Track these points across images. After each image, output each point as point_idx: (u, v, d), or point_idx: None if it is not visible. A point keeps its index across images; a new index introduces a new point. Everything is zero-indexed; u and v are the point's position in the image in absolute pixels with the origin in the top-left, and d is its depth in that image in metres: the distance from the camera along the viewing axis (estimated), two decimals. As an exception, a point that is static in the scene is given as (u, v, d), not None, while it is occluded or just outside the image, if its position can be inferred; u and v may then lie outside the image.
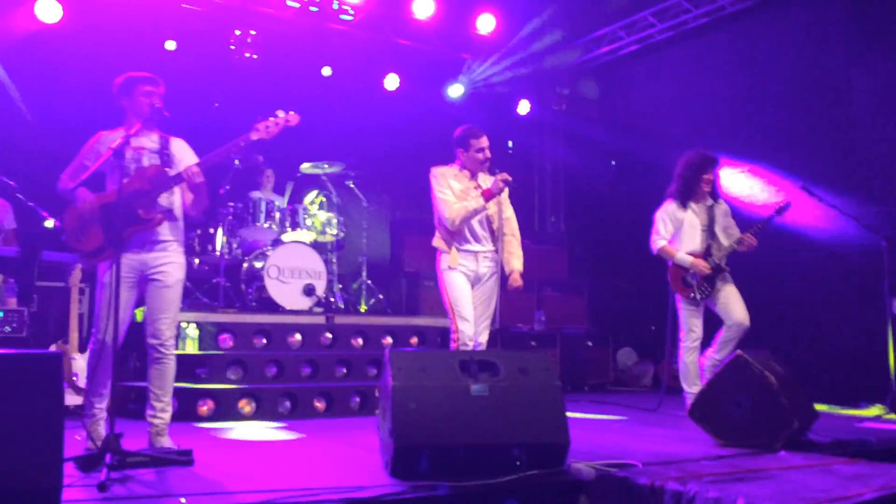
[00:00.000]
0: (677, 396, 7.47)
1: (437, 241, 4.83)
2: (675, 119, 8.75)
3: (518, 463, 3.29)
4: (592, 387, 8.38)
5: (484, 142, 4.78)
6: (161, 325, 3.91)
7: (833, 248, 6.95)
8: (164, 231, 3.97)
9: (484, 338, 4.78)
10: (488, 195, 4.67)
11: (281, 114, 3.92)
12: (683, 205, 5.50)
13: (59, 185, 4.00)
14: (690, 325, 5.46)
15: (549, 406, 3.44)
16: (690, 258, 5.38)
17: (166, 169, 3.95)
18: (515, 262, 4.88)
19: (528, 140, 10.25)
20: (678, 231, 5.51)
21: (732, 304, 5.35)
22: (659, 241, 5.50)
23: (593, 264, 9.56)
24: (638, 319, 9.48)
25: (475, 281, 4.77)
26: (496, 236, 4.78)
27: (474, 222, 4.76)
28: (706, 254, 5.43)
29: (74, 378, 5.08)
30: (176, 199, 4.07)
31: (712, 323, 5.56)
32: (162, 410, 3.92)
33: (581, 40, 9.51)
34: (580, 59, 9.55)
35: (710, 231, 5.49)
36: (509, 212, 4.97)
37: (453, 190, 4.73)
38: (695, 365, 5.44)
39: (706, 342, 5.50)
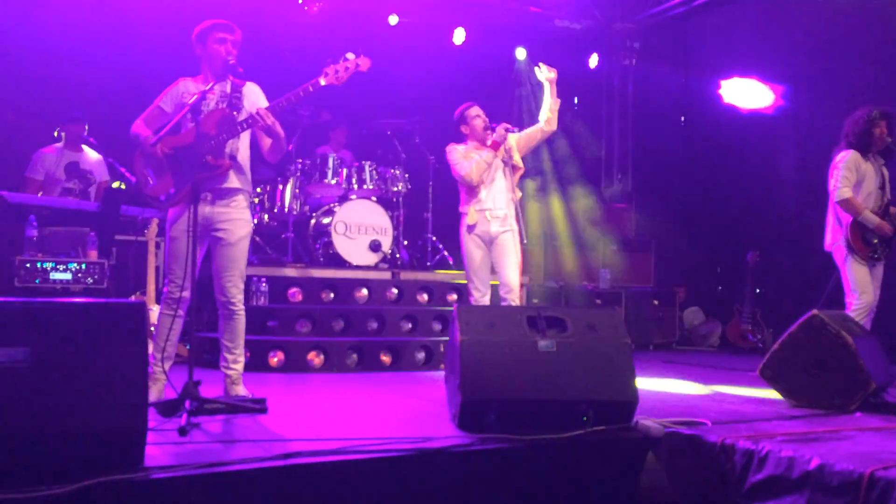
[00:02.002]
0: (745, 357, 7.36)
1: (462, 206, 5.29)
2: (751, 73, 8.41)
3: (585, 419, 3.30)
4: (658, 346, 8.30)
5: (477, 110, 5.27)
6: (226, 283, 3.94)
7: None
8: (232, 180, 3.93)
9: (516, 284, 5.10)
10: (496, 146, 5.10)
11: (351, 56, 3.78)
12: (864, 157, 5.17)
13: (132, 128, 3.97)
14: (863, 286, 5.07)
15: (618, 363, 3.42)
16: (877, 219, 5.07)
17: (234, 113, 3.91)
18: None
19: (596, 95, 10.04)
20: (858, 184, 5.15)
21: (878, 278, 5.16)
22: (845, 192, 5.06)
23: (660, 222, 9.37)
24: (706, 278, 9.30)
25: (489, 242, 5.16)
26: (510, 200, 5.15)
27: (488, 185, 5.14)
28: (884, 213, 5.16)
29: (152, 328, 5.28)
30: (242, 147, 4.01)
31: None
32: (234, 361, 4.03)
33: (653, -9, 9.19)
34: (652, 10, 9.24)
35: (882, 190, 5.20)
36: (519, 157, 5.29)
37: (468, 157, 5.18)
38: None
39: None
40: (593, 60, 9.53)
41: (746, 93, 8.40)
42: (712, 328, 8.71)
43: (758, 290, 8.11)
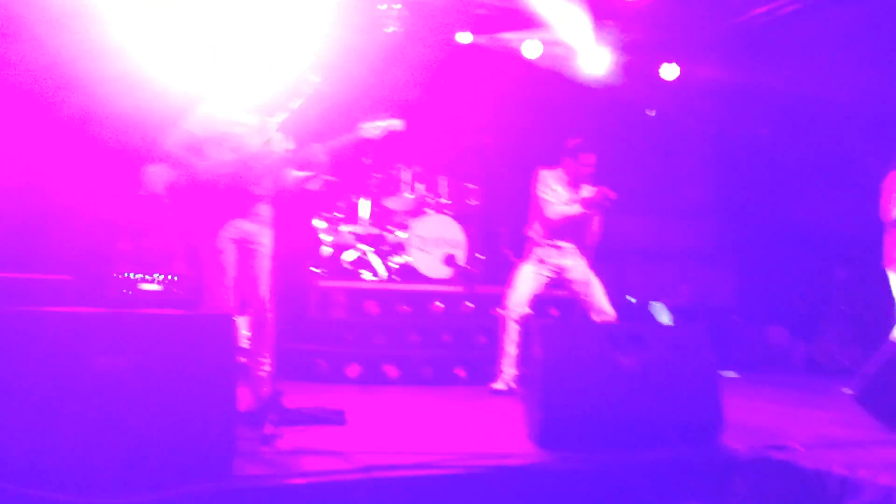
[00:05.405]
0: (833, 377, 7.06)
1: (532, 232, 5.38)
2: (840, 84, 8.06)
3: (669, 439, 3.22)
4: (739, 366, 8.04)
5: (592, 159, 5.20)
6: (265, 291, 4.04)
7: None
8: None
9: (609, 308, 5.27)
10: (588, 204, 5.12)
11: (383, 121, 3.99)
12: None
13: (168, 145, 4.07)
14: None
15: (703, 382, 3.33)
16: None
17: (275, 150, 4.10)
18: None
19: (672, 106, 9.85)
20: None
21: None
22: None
23: (741, 236, 9.11)
24: (789, 295, 8.98)
25: (559, 271, 5.30)
26: (584, 236, 5.28)
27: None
28: None
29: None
30: None
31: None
32: (268, 364, 4.02)
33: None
34: (734, 20, 9.01)
35: None
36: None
37: (557, 193, 5.22)
38: None
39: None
40: (670, 71, 9.36)
41: None
42: (796, 346, 8.39)
43: (843, 308, 7.79)
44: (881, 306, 7.67)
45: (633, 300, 7.77)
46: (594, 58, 8.97)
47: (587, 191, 5.22)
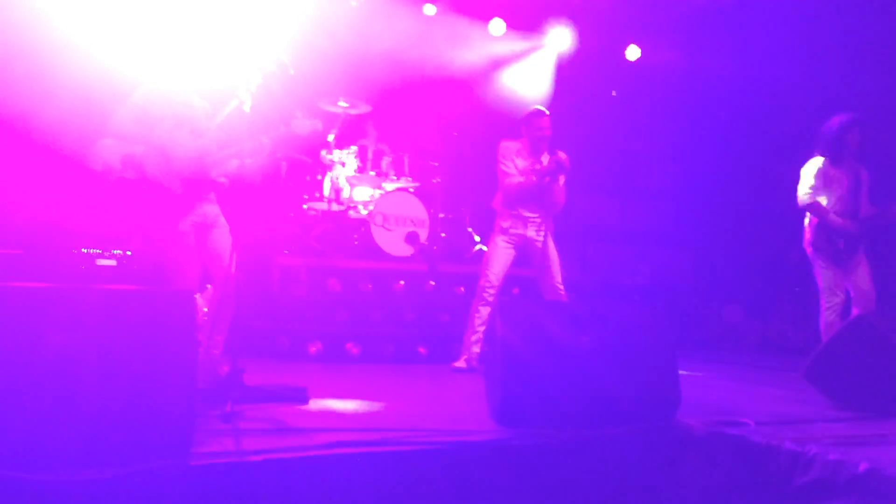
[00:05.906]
0: (786, 356, 7.25)
1: (497, 203, 5.42)
2: (800, 69, 8.17)
3: (625, 416, 3.27)
4: (695, 344, 8.21)
5: (545, 122, 5.29)
6: (230, 264, 4.02)
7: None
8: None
9: (561, 285, 5.30)
10: (540, 174, 5.19)
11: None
12: (833, 163, 5.24)
13: (113, 119, 4.19)
14: (830, 287, 5.16)
15: (660, 360, 3.39)
16: (840, 221, 5.13)
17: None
18: None
19: (634, 88, 9.92)
20: (826, 189, 5.24)
21: (863, 277, 5.14)
22: (807, 197, 5.21)
23: (700, 218, 9.27)
24: (746, 276, 9.17)
25: (523, 244, 5.32)
26: (546, 204, 5.28)
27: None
28: (852, 217, 5.18)
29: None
30: None
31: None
32: (220, 343, 4.07)
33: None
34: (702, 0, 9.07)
35: (855, 194, 5.22)
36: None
37: (516, 165, 5.28)
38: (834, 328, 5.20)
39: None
40: (633, 52, 9.42)
41: None
42: (752, 326, 8.59)
43: (797, 289, 7.98)
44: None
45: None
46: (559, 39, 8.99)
47: (546, 159, 5.26)
